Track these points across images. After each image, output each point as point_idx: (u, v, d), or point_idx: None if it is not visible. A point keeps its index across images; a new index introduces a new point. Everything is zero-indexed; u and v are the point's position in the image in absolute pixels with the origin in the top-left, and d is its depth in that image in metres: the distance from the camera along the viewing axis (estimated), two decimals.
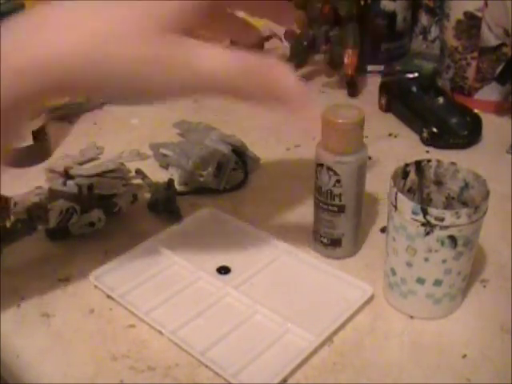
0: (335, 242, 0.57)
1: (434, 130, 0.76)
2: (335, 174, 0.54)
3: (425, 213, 0.46)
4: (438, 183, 0.53)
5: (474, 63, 0.82)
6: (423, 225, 0.47)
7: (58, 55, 0.38)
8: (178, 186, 0.66)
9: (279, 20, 0.52)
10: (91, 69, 0.39)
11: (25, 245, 0.59)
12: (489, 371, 0.47)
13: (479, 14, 0.80)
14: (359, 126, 0.53)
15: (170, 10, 0.40)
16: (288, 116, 0.43)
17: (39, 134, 0.74)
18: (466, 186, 0.51)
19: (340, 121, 0.52)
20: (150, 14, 0.40)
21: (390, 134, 0.80)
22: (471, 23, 0.81)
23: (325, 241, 0.57)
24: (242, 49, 0.41)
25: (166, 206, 0.63)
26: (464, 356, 0.48)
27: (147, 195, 0.66)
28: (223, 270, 0.57)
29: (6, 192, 0.58)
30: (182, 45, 0.40)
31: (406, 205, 0.47)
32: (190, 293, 0.54)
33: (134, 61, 0.39)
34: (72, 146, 0.78)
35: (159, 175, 0.69)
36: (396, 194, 0.48)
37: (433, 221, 0.46)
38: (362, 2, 0.91)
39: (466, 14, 0.81)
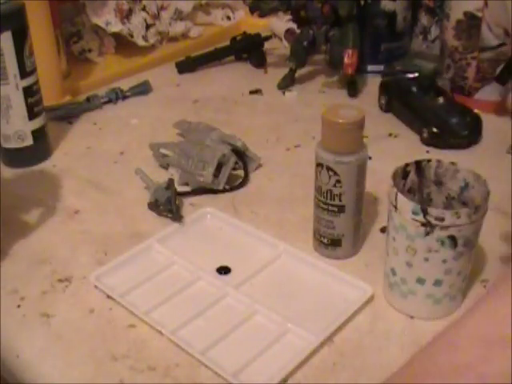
0: (335, 242, 0.57)
1: (434, 129, 0.76)
2: (335, 174, 0.54)
3: (425, 213, 0.46)
4: (438, 183, 0.53)
5: (474, 63, 0.82)
6: (423, 225, 0.47)
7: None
8: (177, 186, 0.66)
9: None
10: None
11: (25, 244, 0.59)
12: None
13: (479, 14, 0.80)
14: (359, 126, 0.53)
15: None
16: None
17: (39, 134, 0.74)
18: (466, 186, 0.51)
19: (340, 121, 0.52)
20: None
21: (390, 134, 0.80)
22: (471, 23, 0.81)
23: (325, 241, 0.57)
24: None
25: (165, 206, 0.63)
26: None
27: (147, 195, 0.66)
28: (223, 270, 0.57)
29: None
30: None
31: (406, 205, 0.47)
32: (190, 293, 0.54)
33: None
34: (72, 146, 0.78)
35: (159, 175, 0.69)
36: (396, 194, 0.48)
37: (433, 221, 0.46)
38: (362, 2, 0.91)
39: (466, 14, 0.81)
